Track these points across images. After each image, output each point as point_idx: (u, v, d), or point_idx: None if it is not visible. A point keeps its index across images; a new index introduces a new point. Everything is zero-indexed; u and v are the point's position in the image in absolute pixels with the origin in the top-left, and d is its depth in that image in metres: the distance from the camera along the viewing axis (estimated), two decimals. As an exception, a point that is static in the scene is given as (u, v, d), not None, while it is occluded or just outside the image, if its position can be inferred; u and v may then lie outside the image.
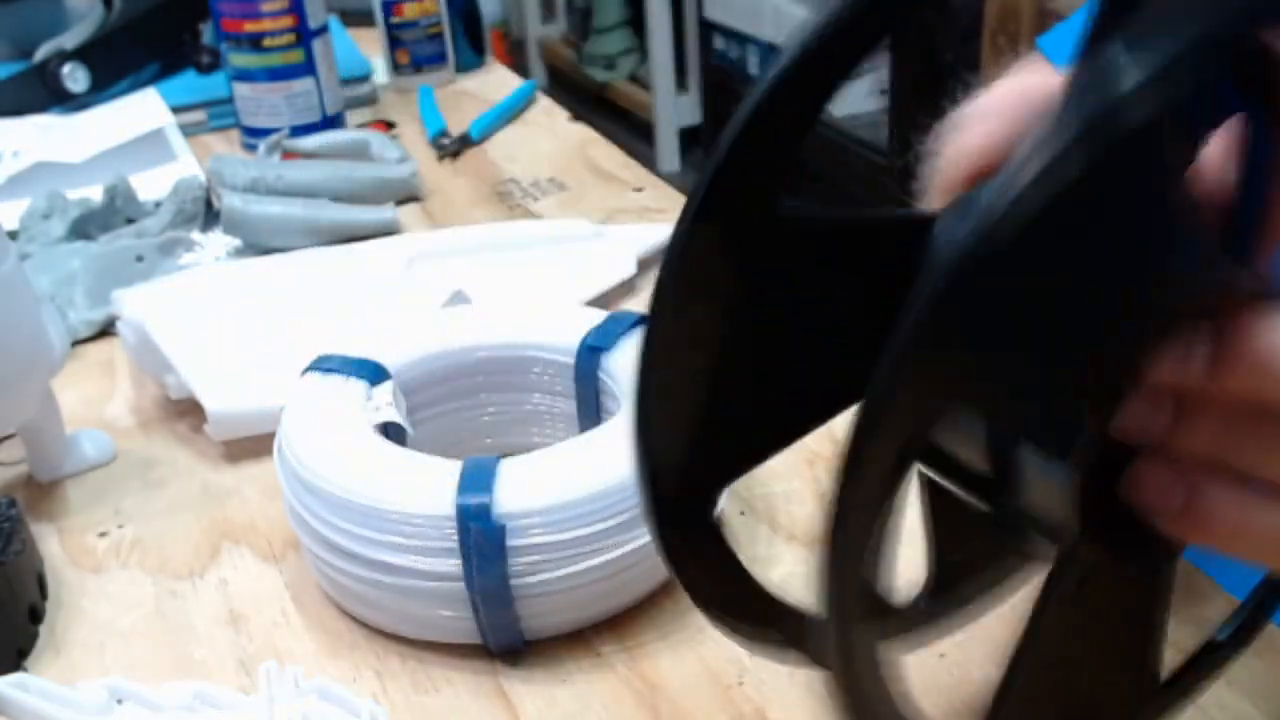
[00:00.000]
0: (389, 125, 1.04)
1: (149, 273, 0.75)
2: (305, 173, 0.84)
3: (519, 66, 2.79)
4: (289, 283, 0.70)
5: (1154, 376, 0.28)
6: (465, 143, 0.99)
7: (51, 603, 0.51)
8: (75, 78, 1.04)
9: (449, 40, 1.14)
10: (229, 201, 0.78)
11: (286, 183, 0.83)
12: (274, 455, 0.50)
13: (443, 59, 1.13)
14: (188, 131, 1.00)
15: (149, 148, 0.94)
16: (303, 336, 0.63)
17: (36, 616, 0.50)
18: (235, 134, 1.01)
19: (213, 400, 0.60)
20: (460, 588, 0.45)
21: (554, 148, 0.99)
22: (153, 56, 1.11)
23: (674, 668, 0.46)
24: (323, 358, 0.53)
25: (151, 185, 0.87)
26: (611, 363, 0.53)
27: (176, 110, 1.00)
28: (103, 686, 0.40)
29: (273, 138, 0.91)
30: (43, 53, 1.06)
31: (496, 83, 1.14)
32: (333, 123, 0.99)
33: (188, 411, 0.63)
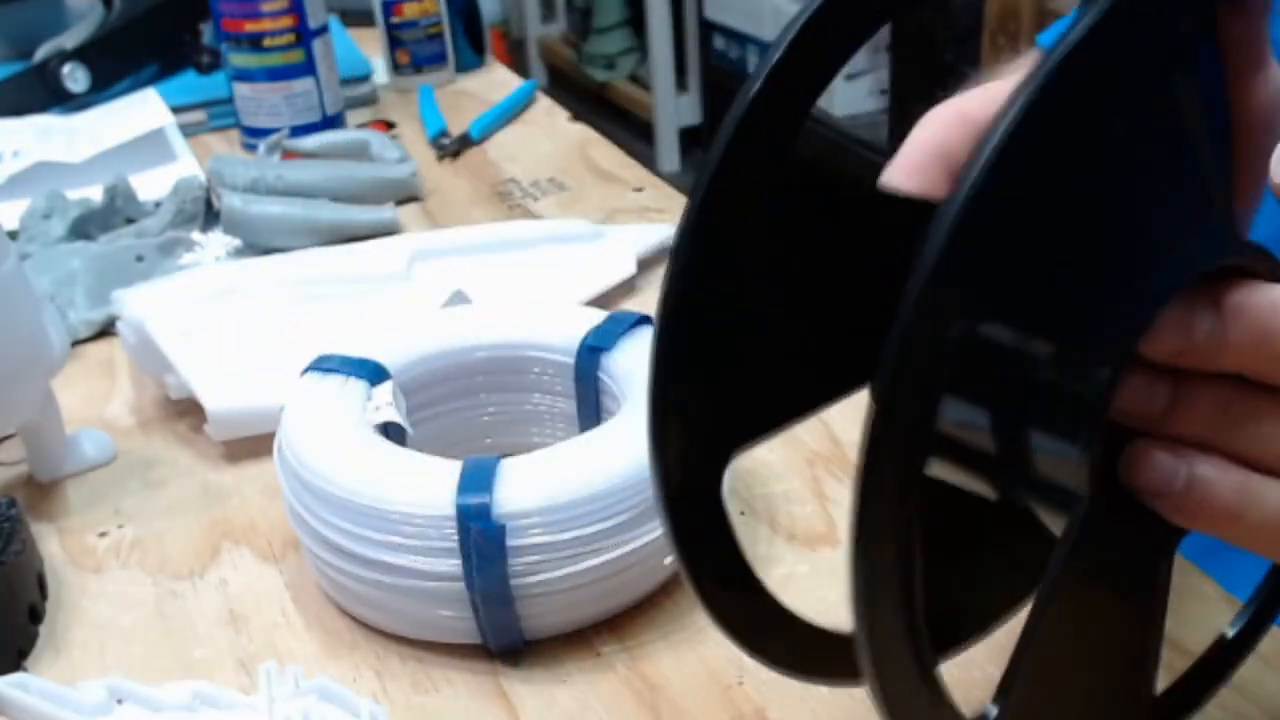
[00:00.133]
0: (389, 125, 1.04)
1: (149, 273, 0.75)
2: (305, 173, 0.84)
3: (519, 66, 2.79)
4: (289, 283, 0.70)
5: (1152, 345, 0.27)
6: (465, 143, 0.99)
7: (51, 603, 0.51)
8: (75, 78, 1.04)
9: (449, 40, 1.14)
10: (229, 201, 0.78)
11: (286, 183, 0.83)
12: (274, 455, 0.50)
13: (443, 59, 1.13)
14: (188, 131, 1.00)
15: (149, 148, 0.94)
16: (303, 336, 0.63)
17: (36, 616, 0.50)
18: (235, 134, 1.01)
19: (213, 400, 0.60)
20: (460, 588, 0.45)
21: (554, 148, 0.99)
22: (153, 56, 1.11)
23: (674, 668, 0.46)
24: (323, 358, 0.53)
25: (151, 185, 0.87)
26: (611, 363, 0.53)
27: (176, 110, 1.00)
28: (103, 686, 0.40)
29: (273, 138, 0.91)
30: (43, 53, 1.06)
31: (496, 83, 1.14)
32: (333, 123, 0.99)
33: (188, 411, 0.63)
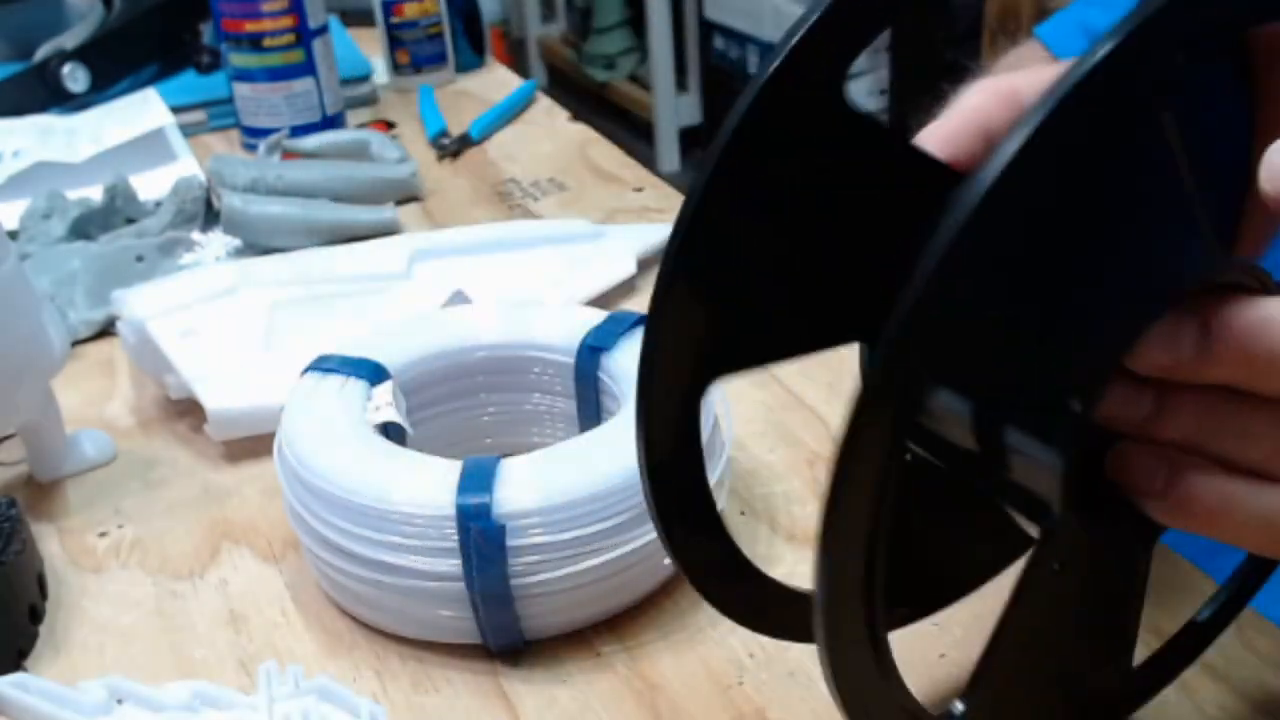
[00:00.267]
0: (389, 125, 1.04)
1: (149, 273, 0.75)
2: (305, 173, 0.84)
3: (519, 66, 2.79)
4: (289, 283, 0.70)
5: (1139, 360, 0.28)
6: (465, 143, 0.99)
7: (51, 603, 0.51)
8: (75, 78, 1.04)
9: (449, 40, 1.14)
10: (229, 201, 0.78)
11: (286, 183, 0.83)
12: (274, 455, 0.50)
13: (443, 59, 1.13)
14: (188, 131, 1.00)
15: (149, 148, 0.94)
16: (303, 336, 0.63)
17: (36, 616, 0.50)
18: (235, 134, 1.01)
19: (213, 400, 0.60)
20: (460, 588, 0.45)
21: (554, 148, 0.99)
22: (153, 56, 1.11)
23: (674, 668, 0.46)
24: (323, 358, 0.53)
25: (151, 185, 0.87)
26: (611, 363, 0.53)
27: (176, 110, 1.00)
28: (103, 686, 0.40)
29: (273, 138, 0.91)
30: (43, 53, 1.06)
31: (496, 83, 1.14)
32: (333, 123, 0.99)
33: (188, 411, 0.63)
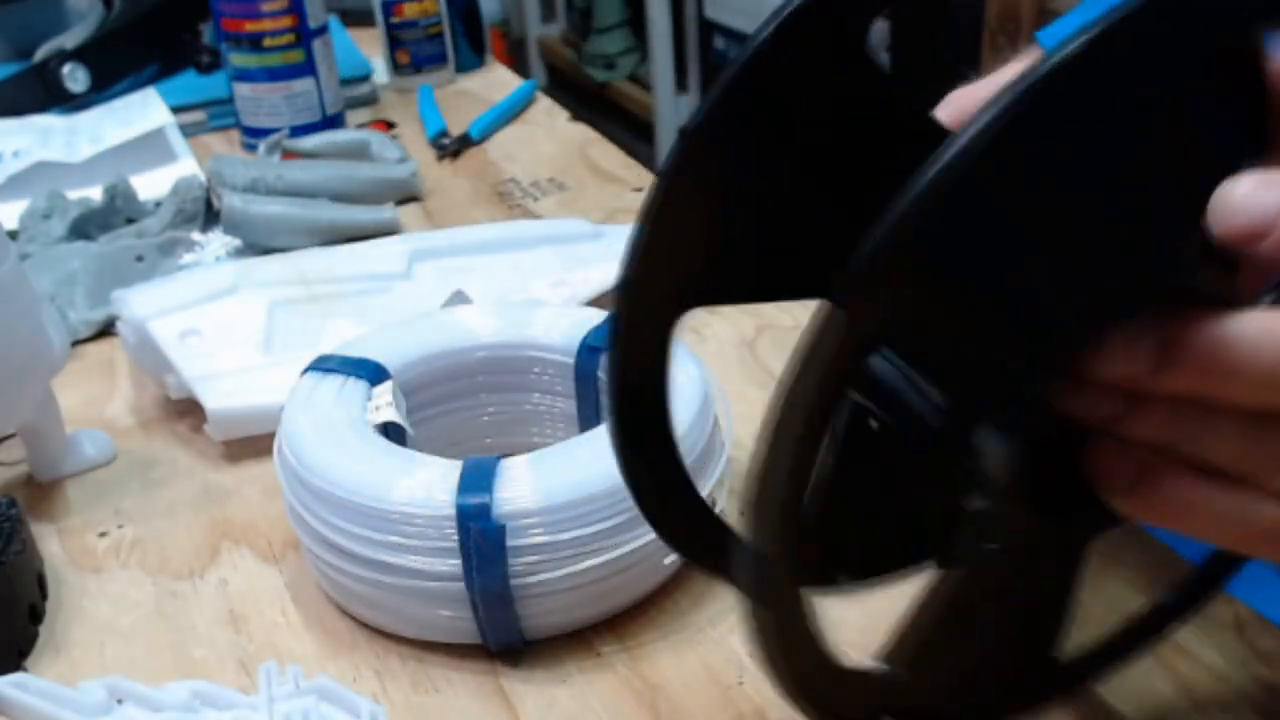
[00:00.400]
0: (389, 125, 1.04)
1: (149, 273, 0.75)
2: (305, 173, 0.84)
3: (519, 66, 2.79)
4: (289, 283, 0.70)
5: (1100, 367, 0.28)
6: (465, 143, 0.99)
7: (51, 603, 0.51)
8: (75, 78, 1.04)
9: (449, 40, 1.14)
10: (229, 201, 0.78)
11: (286, 183, 0.83)
12: (274, 455, 0.50)
13: (443, 59, 1.13)
14: (188, 131, 1.00)
15: (149, 148, 0.94)
16: (303, 336, 0.63)
17: (36, 616, 0.50)
18: (235, 134, 1.01)
19: (213, 400, 0.60)
20: (460, 588, 0.45)
21: (554, 148, 0.99)
22: (153, 56, 1.11)
23: (674, 668, 0.46)
24: (323, 358, 0.53)
25: (151, 185, 0.87)
26: (611, 363, 0.53)
27: (176, 110, 1.00)
28: (103, 686, 0.40)
29: (273, 138, 0.91)
30: (43, 53, 1.06)
31: (496, 83, 1.14)
32: (333, 123, 0.99)
33: (188, 411, 0.63)
